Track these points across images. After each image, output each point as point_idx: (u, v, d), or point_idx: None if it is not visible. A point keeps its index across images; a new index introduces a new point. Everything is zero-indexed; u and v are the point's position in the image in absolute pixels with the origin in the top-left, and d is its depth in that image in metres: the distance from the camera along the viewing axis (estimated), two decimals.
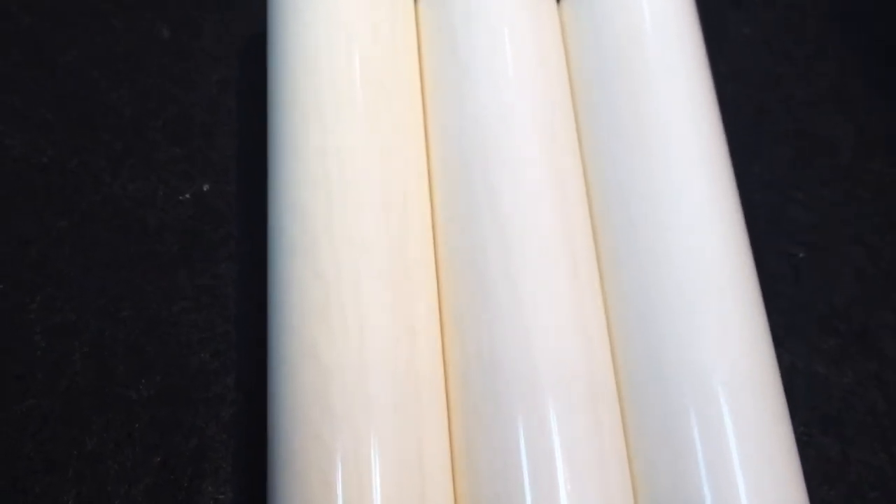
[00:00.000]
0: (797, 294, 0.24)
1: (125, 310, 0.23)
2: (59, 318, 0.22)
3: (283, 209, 0.20)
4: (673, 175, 0.21)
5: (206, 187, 0.24)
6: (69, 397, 0.22)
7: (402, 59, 0.22)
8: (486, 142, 0.21)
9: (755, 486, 0.18)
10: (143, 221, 0.24)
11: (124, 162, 0.24)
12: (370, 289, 0.19)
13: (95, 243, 0.23)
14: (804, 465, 0.20)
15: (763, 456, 0.19)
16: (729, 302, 0.20)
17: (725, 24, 0.28)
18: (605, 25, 0.23)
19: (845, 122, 0.27)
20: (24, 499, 0.20)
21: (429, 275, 0.21)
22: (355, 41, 0.21)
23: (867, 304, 0.24)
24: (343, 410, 0.18)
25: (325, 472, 0.18)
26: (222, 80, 0.26)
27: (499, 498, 0.18)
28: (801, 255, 0.25)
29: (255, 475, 0.21)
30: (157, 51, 0.26)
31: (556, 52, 0.23)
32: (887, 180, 0.26)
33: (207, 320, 0.23)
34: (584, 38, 0.23)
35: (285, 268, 0.20)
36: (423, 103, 0.23)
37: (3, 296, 0.23)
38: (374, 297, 0.19)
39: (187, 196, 0.24)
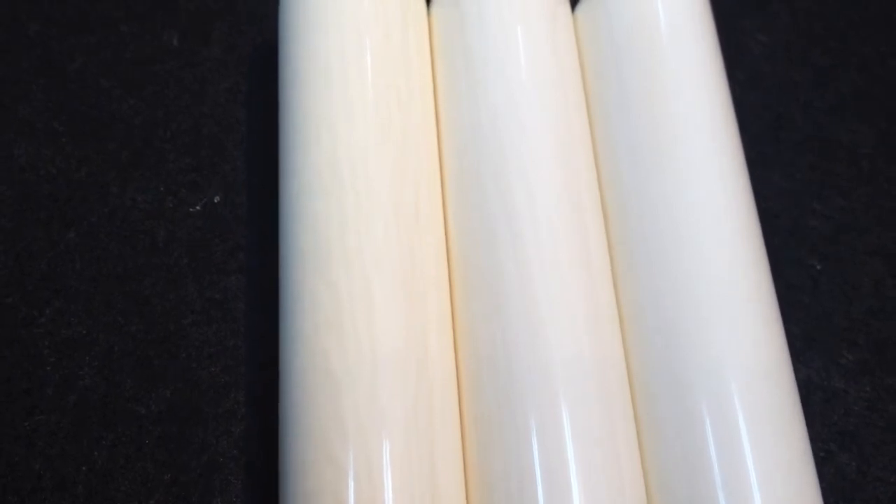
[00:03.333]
0: (815, 306, 0.24)
1: (134, 324, 0.22)
2: (67, 332, 0.22)
3: (295, 219, 0.20)
4: (687, 178, 0.21)
5: (216, 198, 0.24)
6: (78, 412, 0.21)
7: (414, 65, 0.22)
8: (499, 146, 0.21)
9: (768, 485, 0.18)
10: (152, 233, 0.23)
11: (133, 172, 0.24)
12: (382, 299, 0.19)
13: (104, 256, 0.23)
14: (821, 481, 0.20)
15: (777, 455, 0.19)
16: (743, 306, 0.20)
17: (744, 30, 0.28)
18: (620, 31, 0.23)
19: (866, 130, 0.27)
20: None
21: (441, 282, 0.20)
22: (367, 48, 0.21)
23: (887, 317, 0.24)
24: (356, 425, 0.18)
25: (338, 489, 0.18)
26: (232, 88, 0.25)
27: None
28: (818, 266, 0.25)
29: (266, 491, 0.21)
30: (167, 59, 0.26)
31: (571, 56, 0.23)
32: None
33: (217, 334, 0.22)
34: (600, 43, 0.23)
35: (297, 279, 0.20)
36: (437, 108, 0.22)
37: (11, 309, 0.22)
38: (386, 308, 0.19)
39: (197, 208, 0.24)
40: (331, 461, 0.18)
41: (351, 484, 0.18)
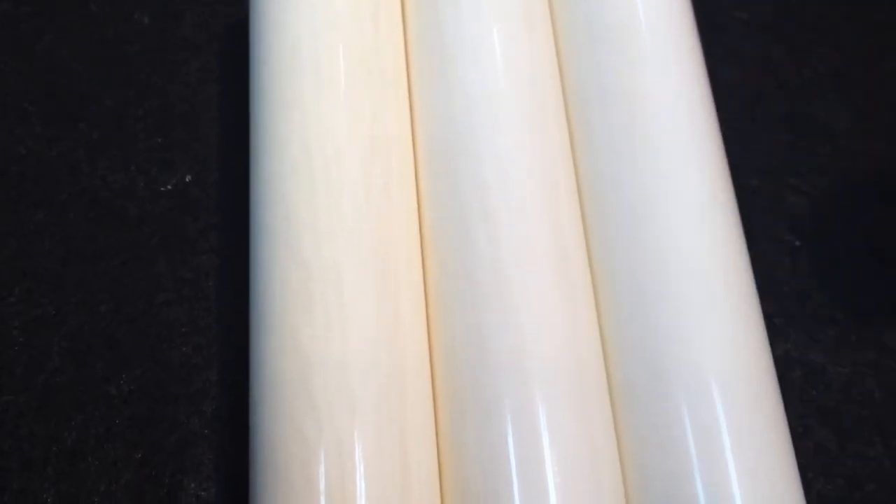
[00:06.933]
0: (794, 283, 0.24)
1: (104, 303, 0.22)
2: (37, 312, 0.22)
3: (265, 198, 0.20)
4: (664, 166, 0.20)
5: (188, 178, 0.24)
6: (47, 393, 0.21)
7: (387, 45, 0.22)
8: (473, 129, 0.20)
9: (749, 482, 0.18)
10: (123, 212, 0.23)
11: (103, 152, 0.24)
12: (353, 278, 0.19)
13: (74, 235, 0.23)
14: (800, 457, 0.19)
15: (757, 452, 0.18)
16: (722, 297, 0.19)
17: (722, 7, 0.28)
18: (595, 12, 0.22)
19: (843, 107, 0.27)
20: (2, 497, 0.20)
21: (413, 262, 0.20)
22: (338, 27, 0.21)
23: (865, 293, 0.24)
24: (325, 404, 0.18)
25: (307, 467, 0.17)
26: (204, 68, 0.25)
27: (486, 492, 0.18)
28: (797, 242, 0.24)
29: (238, 470, 0.21)
30: (137, 38, 0.26)
31: (546, 38, 0.23)
32: (885, 165, 0.26)
33: (189, 314, 0.22)
34: (575, 24, 0.23)
35: (267, 257, 0.19)
36: (410, 90, 0.22)
37: None
38: (357, 287, 0.19)
39: (168, 187, 0.24)
40: (300, 438, 0.18)
41: (321, 460, 0.17)
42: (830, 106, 0.27)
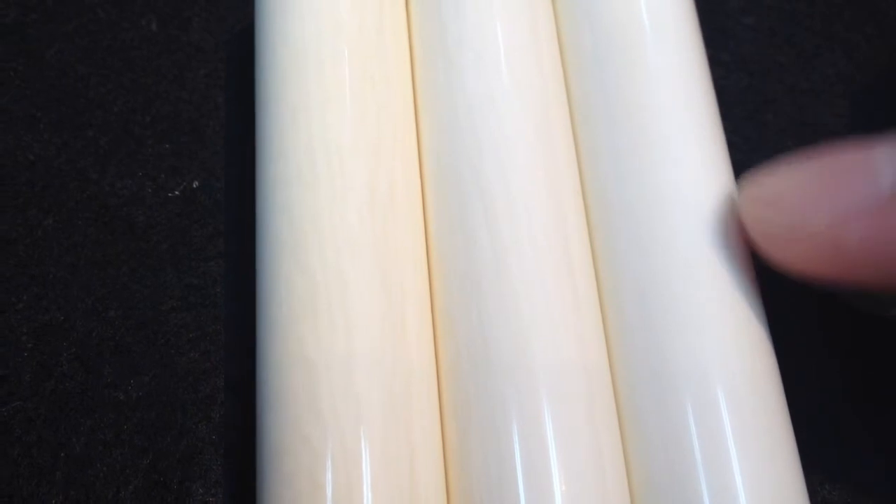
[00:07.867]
0: (800, 289, 0.24)
1: (112, 309, 0.22)
2: (45, 318, 0.22)
3: (271, 205, 0.20)
4: (668, 172, 0.20)
5: (195, 184, 0.24)
6: (56, 399, 0.21)
7: (391, 51, 0.22)
8: (477, 133, 0.21)
9: (754, 486, 0.18)
10: (131, 219, 0.23)
11: (112, 158, 0.24)
12: (358, 284, 0.19)
13: (82, 242, 0.23)
14: (805, 464, 0.19)
15: (763, 459, 0.18)
16: (728, 303, 0.19)
17: (728, 12, 0.28)
18: (600, 13, 0.22)
19: (852, 114, 0.26)
20: (11, 503, 0.20)
21: (419, 270, 0.20)
22: (343, 33, 0.21)
23: (872, 298, 0.24)
24: (331, 410, 0.18)
25: (314, 474, 0.18)
26: (212, 74, 0.25)
27: (491, 498, 0.18)
28: None
29: (245, 477, 0.21)
30: (145, 45, 0.26)
31: (550, 40, 0.23)
32: None
33: (196, 320, 0.22)
34: (579, 26, 0.23)
35: (272, 265, 0.20)
36: (414, 95, 0.22)
37: None
38: (361, 293, 0.19)
39: (176, 193, 0.24)
40: (307, 445, 0.18)
41: (328, 467, 0.18)
42: (839, 112, 0.26)
